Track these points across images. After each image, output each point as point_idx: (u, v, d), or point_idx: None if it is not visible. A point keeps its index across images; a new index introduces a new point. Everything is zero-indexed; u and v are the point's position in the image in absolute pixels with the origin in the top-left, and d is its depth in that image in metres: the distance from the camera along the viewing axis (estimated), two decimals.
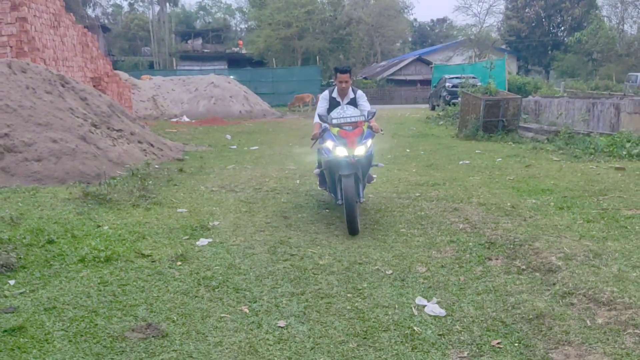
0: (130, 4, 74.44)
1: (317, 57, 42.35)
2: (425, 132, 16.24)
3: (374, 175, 6.74)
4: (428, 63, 44.05)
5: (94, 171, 8.05)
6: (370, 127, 5.72)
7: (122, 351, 3.11)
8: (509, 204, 6.38)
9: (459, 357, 3.14)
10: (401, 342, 3.29)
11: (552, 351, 3.11)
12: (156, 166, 8.91)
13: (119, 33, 64.50)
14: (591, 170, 8.51)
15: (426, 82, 40.02)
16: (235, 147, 13.30)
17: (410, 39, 68.95)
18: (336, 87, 6.20)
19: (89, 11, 50.05)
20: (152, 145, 10.14)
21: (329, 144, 5.55)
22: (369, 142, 5.61)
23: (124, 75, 23.88)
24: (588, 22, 44.62)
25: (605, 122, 13.81)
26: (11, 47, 13.94)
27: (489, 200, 6.63)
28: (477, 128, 13.62)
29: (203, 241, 5.18)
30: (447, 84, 25.23)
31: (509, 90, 25.91)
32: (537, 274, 4.19)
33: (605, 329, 3.26)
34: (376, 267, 4.56)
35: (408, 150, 12.06)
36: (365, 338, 3.33)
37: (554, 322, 3.41)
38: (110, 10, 70.97)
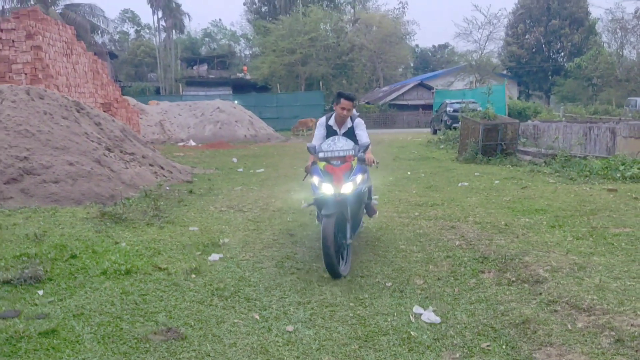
0: (137, 31, 76.00)
1: (320, 83, 43.12)
2: (426, 156, 16.64)
3: (376, 211, 6.19)
4: (430, 88, 44.75)
5: (108, 192, 8.45)
6: (362, 161, 5.26)
7: (147, 351, 3.45)
8: (503, 222, 6.73)
9: (452, 358, 3.46)
10: (399, 344, 3.62)
11: (536, 352, 3.43)
12: (167, 188, 9.30)
13: (125, 59, 65.68)
14: (584, 192, 8.85)
15: (428, 107, 40.60)
16: (241, 169, 13.72)
17: (412, 65, 69.94)
18: (334, 114, 5.73)
19: (97, 38, 51.03)
20: (162, 168, 10.56)
21: (315, 179, 5.16)
22: (359, 178, 5.09)
23: (132, 100, 24.50)
24: (587, 47, 45.41)
25: (602, 146, 14.19)
26: (26, 74, 14.53)
27: (485, 219, 6.98)
28: (476, 151, 14.01)
29: (215, 256, 5.53)
30: (448, 109, 25.74)
31: (509, 115, 26.46)
32: (526, 284, 4.52)
33: (584, 332, 3.58)
34: (377, 279, 4.89)
35: (409, 173, 12.43)
36: (366, 341, 3.66)
37: (538, 326, 3.73)
38: (117, 37, 72.34)
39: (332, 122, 5.75)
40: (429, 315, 4.09)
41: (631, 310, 3.77)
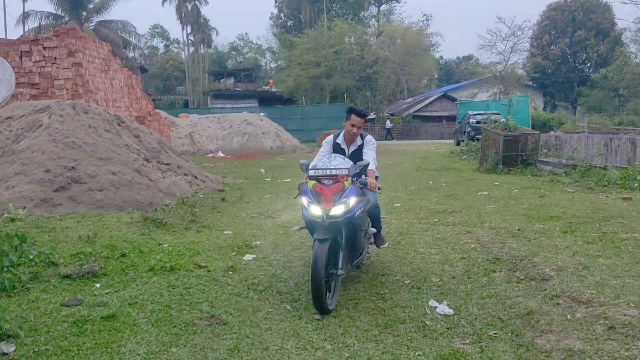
0: (166, 46, 78.05)
1: (345, 95, 43.76)
2: (448, 166, 17.02)
3: (385, 242, 5.58)
4: (453, 100, 45.02)
5: (147, 200, 9.09)
6: (364, 185, 4.87)
7: (194, 332, 3.99)
8: (517, 228, 7.13)
9: (462, 343, 3.91)
10: (415, 331, 4.08)
11: (537, 338, 3.86)
12: (201, 196, 9.92)
13: (154, 73, 67.52)
14: (600, 200, 9.17)
15: (452, 118, 40.88)
16: (269, 179, 14.33)
17: (436, 76, 70.22)
18: (343, 131, 5.31)
19: (128, 53, 52.75)
20: (196, 177, 11.21)
21: (304, 200, 4.70)
22: (352, 200, 4.52)
23: (163, 113, 25.46)
24: (614, 58, 45.12)
25: (622, 156, 14.38)
26: (67, 89, 15.43)
27: (500, 225, 7.39)
28: (497, 162, 14.36)
29: (248, 257, 6.08)
30: (471, 120, 26.05)
31: (533, 126, 26.66)
32: (533, 282, 4.94)
33: (581, 321, 4.00)
34: (396, 277, 5.36)
35: (430, 182, 12.85)
36: (385, 328, 4.13)
37: (541, 317, 4.15)
38: (147, 52, 74.37)
39: (340, 139, 5.32)
40: (443, 308, 4.55)
41: (625, 302, 4.17)
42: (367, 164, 4.89)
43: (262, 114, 31.94)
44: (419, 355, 3.66)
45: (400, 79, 51.69)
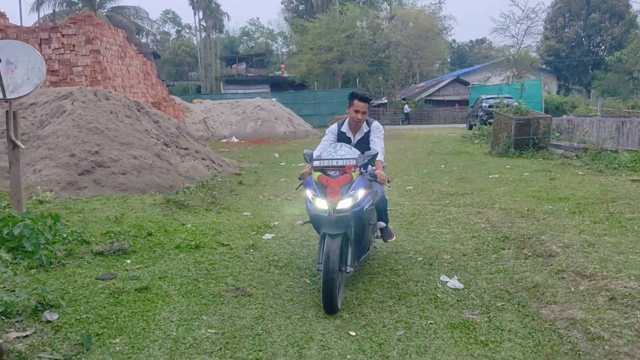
0: (178, 31, 78.22)
1: (357, 80, 43.78)
2: (460, 150, 17.19)
3: (393, 235, 5.29)
4: (466, 84, 44.86)
5: (167, 183, 9.42)
6: (373, 177, 4.57)
7: (222, 303, 4.30)
8: (526, 208, 7.36)
9: (471, 314, 4.18)
10: (427, 303, 4.36)
11: (542, 309, 4.12)
12: (219, 179, 10.24)
13: (166, 59, 67.75)
14: (609, 182, 9.34)
15: (464, 103, 40.82)
16: (283, 163, 14.63)
17: (449, 60, 69.79)
18: (347, 119, 5.04)
19: (141, 39, 53.02)
20: (213, 161, 11.52)
21: (308, 193, 4.44)
22: (360, 193, 4.26)
23: (177, 99, 25.77)
24: (628, 41, 44.58)
25: (634, 140, 14.46)
26: (86, 76, 15.77)
27: (510, 205, 7.62)
28: (508, 145, 14.51)
29: (268, 236, 6.39)
30: (483, 104, 26.07)
31: (546, 110, 26.63)
32: (540, 258, 5.19)
33: (584, 293, 4.25)
34: (409, 255, 5.64)
35: (442, 166, 13.06)
36: (399, 299, 4.41)
37: (546, 289, 4.41)
38: (159, 37, 74.60)
39: (345, 128, 5.04)
40: (453, 283, 4.82)
41: (627, 276, 4.41)
42: (376, 154, 4.57)
43: (274, 99, 32.17)
44: (430, 323, 3.94)
45: (412, 63, 51.48)
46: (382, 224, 5.08)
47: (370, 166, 4.87)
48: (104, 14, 44.40)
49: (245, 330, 3.79)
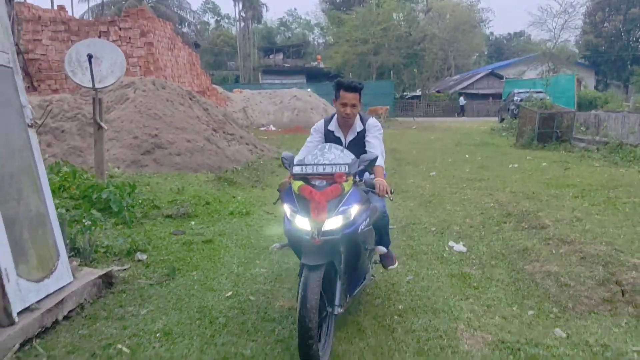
0: (217, 21, 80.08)
1: (392, 72, 44.46)
2: (487, 142, 17.99)
3: (395, 261, 4.27)
4: (500, 77, 45.07)
5: (216, 164, 10.66)
6: (370, 187, 3.53)
7: (270, 253, 5.46)
8: (533, 192, 8.29)
9: (469, 269, 5.22)
10: (434, 260, 5.42)
11: (526, 265, 5.13)
12: (261, 162, 11.44)
13: (205, 48, 69.56)
14: (618, 173, 10.14)
15: (498, 96, 41.09)
16: None
17: (485, 53, 69.52)
18: (335, 116, 4.09)
19: (184, 29, 54.88)
20: (255, 146, 12.74)
21: (286, 208, 3.34)
22: (354, 209, 3.25)
23: (218, 88, 27.16)
24: None
25: None
26: (140, 66, 17.19)
27: (519, 189, 8.57)
28: (532, 138, 15.28)
29: None
30: (515, 98, 26.60)
31: (579, 104, 26.98)
32: (534, 229, 6.18)
33: (562, 254, 5.24)
34: (424, 226, 6.70)
35: (467, 156, 13.97)
36: (411, 257, 5.49)
37: (532, 252, 5.42)
38: (198, 27, 76.57)
39: (333, 125, 4.10)
40: (459, 247, 5.86)
41: (600, 242, 5.38)
42: (375, 158, 3.52)
43: (309, 90, 33.25)
44: (434, 273, 5.01)
45: (448, 56, 51.75)
46: (383, 249, 4.07)
47: (367, 174, 4.01)
48: (150, 5, 46.23)
49: (290, 271, 4.95)
